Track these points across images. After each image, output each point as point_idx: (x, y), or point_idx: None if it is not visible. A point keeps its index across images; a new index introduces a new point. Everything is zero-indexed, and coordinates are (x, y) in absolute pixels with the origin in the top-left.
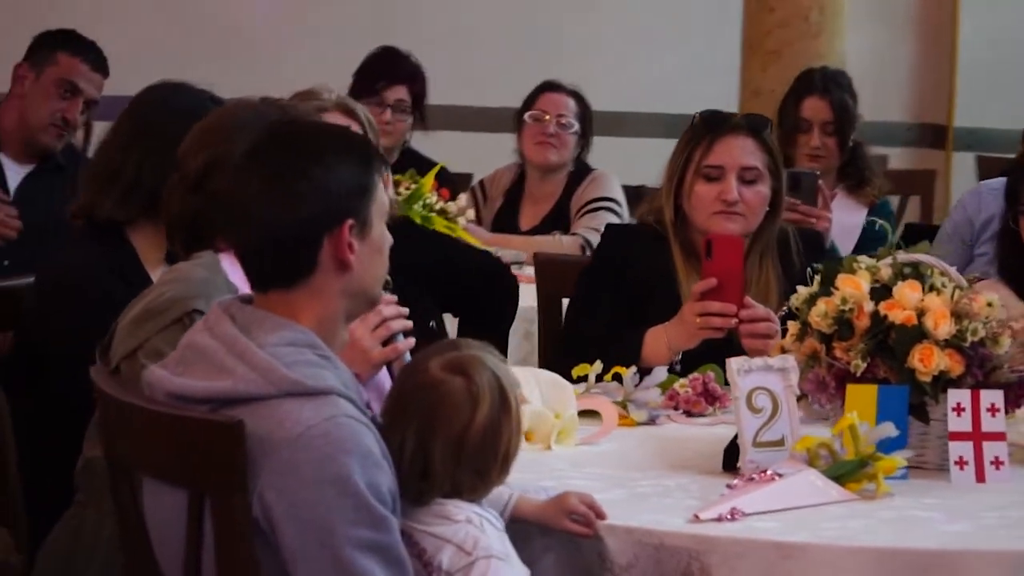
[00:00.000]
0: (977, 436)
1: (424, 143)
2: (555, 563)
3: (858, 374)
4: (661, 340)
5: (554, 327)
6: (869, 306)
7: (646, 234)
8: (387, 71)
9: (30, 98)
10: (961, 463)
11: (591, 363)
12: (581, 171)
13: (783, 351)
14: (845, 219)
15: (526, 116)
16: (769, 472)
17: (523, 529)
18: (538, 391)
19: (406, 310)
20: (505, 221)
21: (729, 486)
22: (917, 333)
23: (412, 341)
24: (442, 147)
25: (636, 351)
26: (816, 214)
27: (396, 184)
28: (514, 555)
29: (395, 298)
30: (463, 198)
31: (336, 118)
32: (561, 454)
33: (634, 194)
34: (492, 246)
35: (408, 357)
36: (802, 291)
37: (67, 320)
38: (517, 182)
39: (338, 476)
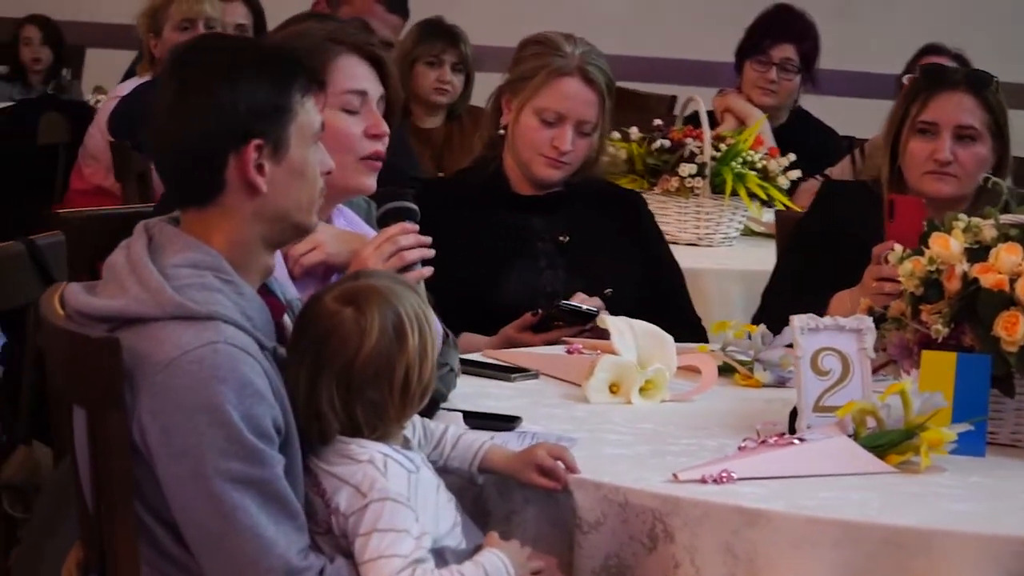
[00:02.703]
0: None
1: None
2: (535, 516)
3: (939, 339)
4: (846, 304)
5: None
6: (960, 268)
7: (862, 192)
8: (775, 28)
9: None
10: None
11: (773, 322)
12: None
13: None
14: None
15: (905, 79)
16: (787, 436)
17: (504, 480)
18: (633, 342)
19: (427, 239)
20: None
21: (740, 447)
22: (1004, 299)
23: (429, 270)
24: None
25: (821, 315)
26: None
27: (719, 139)
28: (429, 499)
29: (416, 227)
30: (785, 160)
31: (570, 83)
32: (634, 409)
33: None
34: None
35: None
36: (898, 249)
37: None
38: None
39: (210, 404)
